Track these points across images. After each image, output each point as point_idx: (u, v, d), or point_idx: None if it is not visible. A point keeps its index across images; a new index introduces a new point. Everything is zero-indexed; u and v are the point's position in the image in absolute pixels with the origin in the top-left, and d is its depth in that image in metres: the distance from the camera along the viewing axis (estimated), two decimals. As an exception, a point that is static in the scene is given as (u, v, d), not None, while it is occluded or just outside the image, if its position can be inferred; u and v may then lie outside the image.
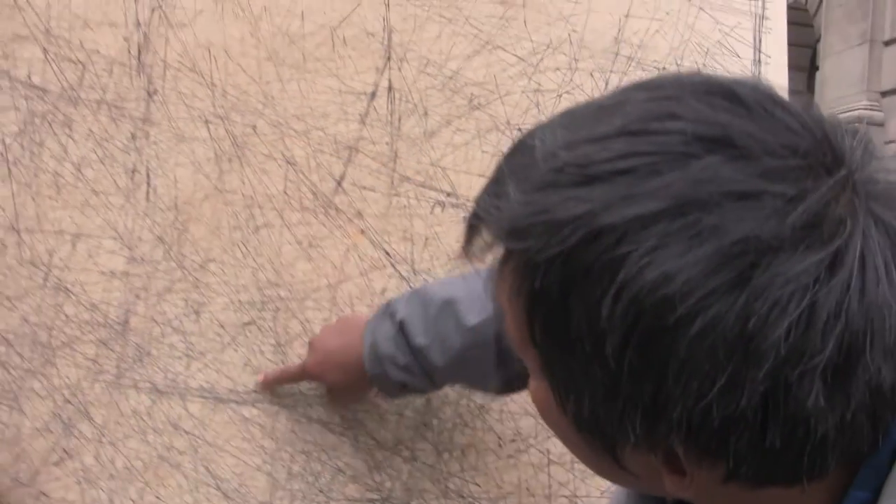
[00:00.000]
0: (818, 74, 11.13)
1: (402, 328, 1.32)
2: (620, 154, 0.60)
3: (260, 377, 1.48)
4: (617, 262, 0.58)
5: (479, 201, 0.68)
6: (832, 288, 0.58)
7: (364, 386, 1.40)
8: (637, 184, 0.59)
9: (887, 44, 10.02)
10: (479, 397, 1.49)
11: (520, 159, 0.66)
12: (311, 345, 1.44)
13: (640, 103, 0.64)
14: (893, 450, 0.65)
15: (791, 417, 0.59)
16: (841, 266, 0.58)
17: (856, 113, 9.88)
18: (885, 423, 0.63)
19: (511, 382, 1.29)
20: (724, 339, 0.57)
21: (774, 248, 0.57)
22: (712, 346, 0.58)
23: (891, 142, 9.11)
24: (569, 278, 0.61)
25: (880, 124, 9.85)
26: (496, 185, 0.66)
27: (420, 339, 1.31)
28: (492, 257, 0.69)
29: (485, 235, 0.68)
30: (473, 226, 0.69)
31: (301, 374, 1.45)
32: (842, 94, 10.35)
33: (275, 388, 1.49)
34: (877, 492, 0.65)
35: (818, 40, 11.24)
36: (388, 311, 1.35)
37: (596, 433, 0.67)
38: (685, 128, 0.60)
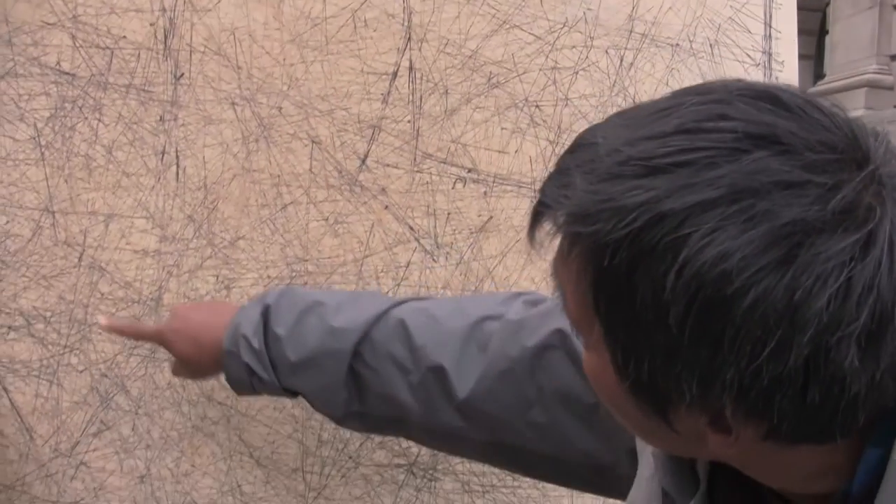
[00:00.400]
0: (827, 38, 11.08)
1: (265, 313, 1.31)
2: (679, 149, 0.68)
3: (103, 319, 1.42)
4: (680, 242, 0.66)
5: (546, 191, 0.75)
6: (866, 265, 0.65)
7: (211, 367, 1.37)
8: (696, 175, 0.67)
9: (897, 7, 9.99)
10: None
11: (583, 154, 0.73)
12: (174, 310, 1.42)
13: (692, 106, 0.71)
14: None
15: (829, 377, 0.67)
16: (874, 246, 0.66)
17: (865, 76, 9.84)
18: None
19: (352, 414, 1.30)
20: (773, 308, 0.65)
21: (818, 230, 0.65)
22: (763, 314, 0.65)
23: None
24: (635, 257, 0.68)
25: (890, 88, 9.80)
26: (561, 177, 0.73)
27: (280, 329, 1.29)
28: (555, 243, 0.76)
29: (549, 224, 0.75)
30: (539, 213, 0.76)
31: (152, 335, 1.40)
32: (851, 58, 10.30)
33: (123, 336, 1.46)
34: (889, 446, 0.73)
35: (828, 4, 11.17)
36: (261, 298, 1.34)
37: (651, 396, 0.74)
38: (736, 126, 0.68)
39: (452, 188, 1.55)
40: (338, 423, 1.35)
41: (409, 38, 1.53)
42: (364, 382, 1.27)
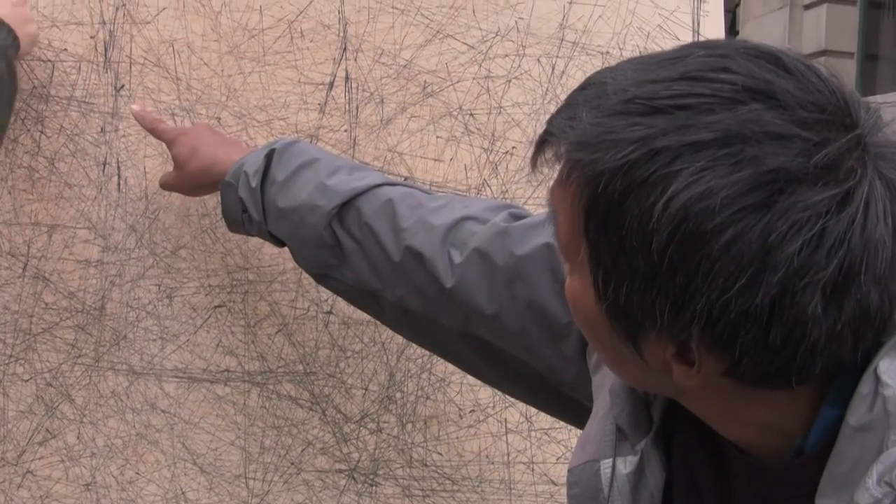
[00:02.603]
0: (738, 39, 11.11)
1: (268, 158, 1.36)
2: (681, 93, 0.73)
3: (135, 107, 1.50)
4: (670, 177, 0.71)
5: (553, 122, 0.80)
6: (840, 219, 0.70)
7: (199, 184, 1.45)
8: (693, 118, 0.72)
9: (807, 7, 10.01)
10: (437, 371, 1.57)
11: (592, 91, 0.78)
12: (196, 124, 1.50)
13: (699, 57, 0.76)
14: (859, 372, 0.77)
15: (792, 320, 0.72)
16: (849, 203, 0.70)
17: None
18: (866, 340, 0.76)
19: (329, 277, 1.34)
20: (748, 247, 0.70)
21: (799, 180, 0.70)
22: (739, 251, 0.70)
23: None
24: (628, 186, 0.73)
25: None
26: (569, 110, 0.79)
27: (278, 174, 1.35)
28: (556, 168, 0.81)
29: (552, 151, 0.80)
30: (544, 141, 0.81)
31: (165, 132, 1.48)
32: None
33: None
34: (844, 407, 0.78)
35: (738, 4, 11.20)
36: (272, 142, 1.40)
37: (625, 319, 0.79)
38: (736, 79, 0.73)
39: (389, 196, 1.56)
40: (316, 281, 1.39)
41: (345, 49, 1.55)
42: (345, 249, 1.31)
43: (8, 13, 1.39)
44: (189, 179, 1.45)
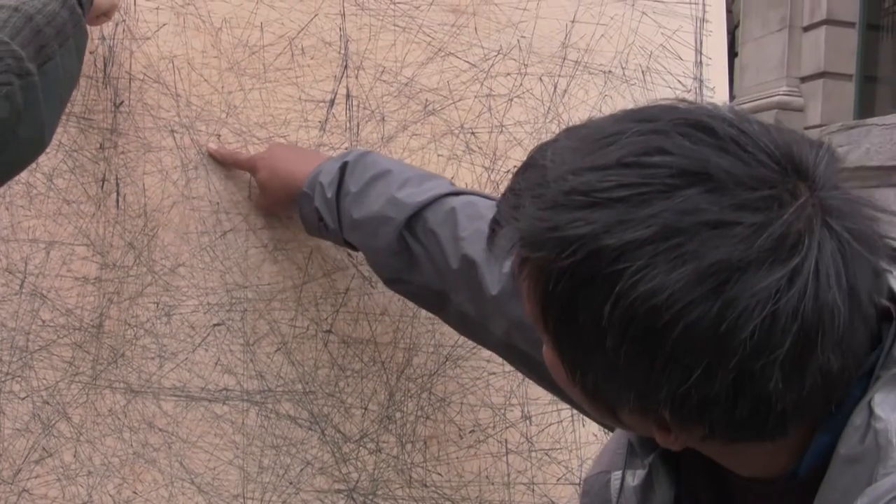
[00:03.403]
0: (737, 60, 11.11)
1: (342, 170, 1.42)
2: (617, 184, 0.73)
3: (212, 146, 1.54)
4: (615, 276, 0.71)
5: (500, 209, 0.82)
6: (790, 297, 0.70)
7: (284, 202, 1.50)
8: (631, 211, 0.72)
9: (806, 29, 10.03)
10: (438, 391, 1.56)
11: (533, 175, 0.79)
12: (269, 146, 1.53)
13: (634, 136, 0.75)
14: (853, 404, 0.78)
15: (756, 397, 0.72)
16: (798, 277, 0.70)
17: (775, 98, 9.89)
18: (836, 396, 0.77)
19: (399, 280, 1.40)
20: (700, 339, 0.70)
21: (742, 269, 0.69)
22: (691, 344, 0.71)
23: (810, 127, 9.13)
24: (576, 287, 0.74)
25: (800, 110, 9.87)
26: (513, 198, 0.80)
27: (352, 185, 1.40)
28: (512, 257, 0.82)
29: (505, 237, 0.81)
30: (493, 229, 0.84)
31: (246, 162, 1.52)
32: (761, 80, 10.34)
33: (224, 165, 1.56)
34: (838, 436, 0.78)
35: (737, 26, 11.22)
36: (345, 153, 1.45)
37: (599, 400, 0.82)
38: (672, 162, 0.73)
39: (390, 214, 1.56)
40: (388, 285, 1.46)
41: (346, 66, 1.55)
42: (413, 255, 1.36)
43: None
44: (275, 199, 1.51)
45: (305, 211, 1.45)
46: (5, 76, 1.15)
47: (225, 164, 1.55)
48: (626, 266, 0.71)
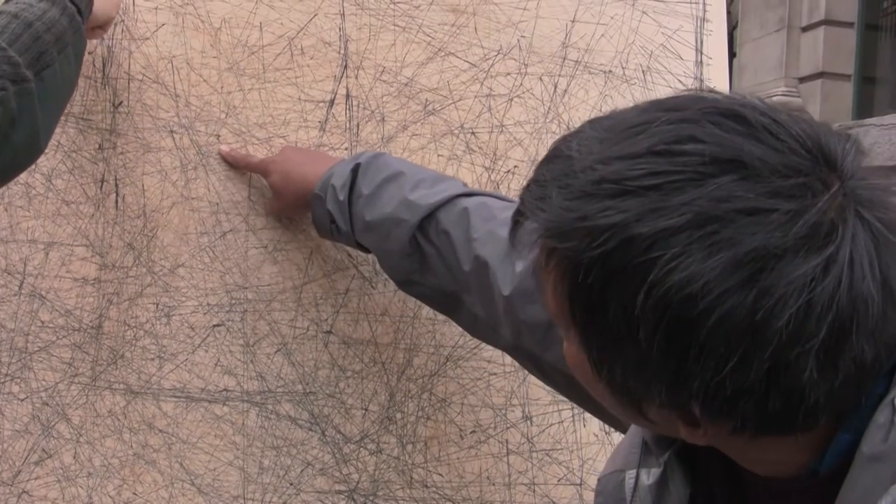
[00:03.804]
0: (735, 61, 11.10)
1: (355, 171, 1.41)
2: (649, 172, 0.72)
3: (224, 148, 1.54)
4: (648, 265, 0.70)
5: (524, 201, 0.80)
6: (826, 285, 0.69)
7: (298, 205, 1.50)
8: (664, 199, 0.71)
9: (805, 29, 10.03)
10: (439, 391, 1.55)
11: (559, 166, 0.77)
12: (282, 149, 1.53)
13: (663, 125, 0.74)
14: (875, 401, 0.77)
15: (789, 388, 0.71)
16: (833, 265, 0.69)
17: (774, 99, 9.90)
18: (868, 387, 0.76)
19: (412, 281, 1.39)
20: (736, 328, 0.69)
21: (779, 256, 0.69)
22: (727, 333, 0.69)
23: None
24: (607, 276, 0.73)
25: (798, 110, 9.89)
26: (539, 188, 0.78)
27: (364, 188, 1.40)
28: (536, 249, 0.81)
29: (528, 230, 0.80)
30: (517, 221, 0.82)
31: (258, 165, 1.52)
32: (760, 81, 10.34)
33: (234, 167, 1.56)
34: (860, 434, 0.77)
35: (735, 26, 11.22)
36: (357, 156, 1.45)
37: (625, 393, 0.80)
38: (703, 150, 0.72)
39: (390, 214, 1.55)
40: (400, 287, 1.45)
41: (346, 66, 1.54)
42: (426, 256, 1.35)
43: None
44: (287, 203, 1.51)
45: (318, 213, 1.45)
46: (0, 81, 1.15)
47: (236, 166, 1.55)
48: (659, 254, 0.70)
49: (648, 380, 0.75)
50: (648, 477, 0.93)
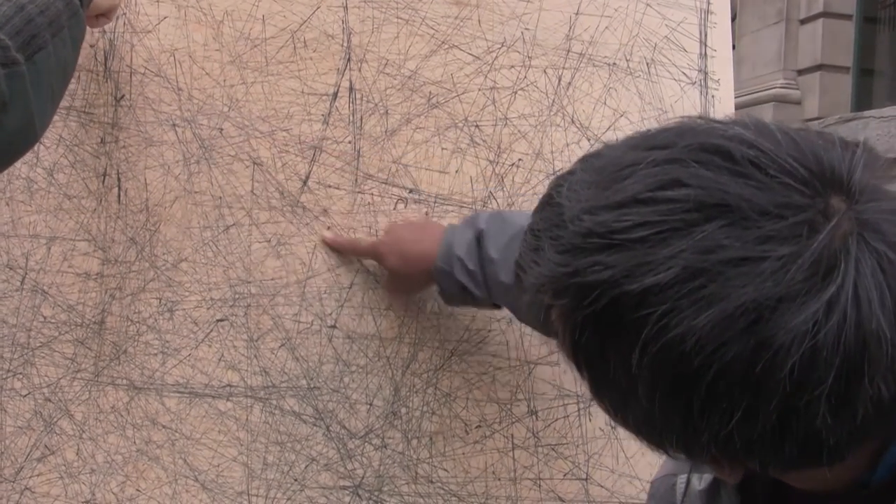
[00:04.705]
0: (734, 53, 11.10)
1: (479, 237, 1.41)
2: (635, 224, 0.69)
3: (328, 235, 1.54)
4: (640, 323, 0.67)
5: (521, 251, 0.79)
6: (829, 329, 0.65)
7: (421, 281, 1.50)
8: (650, 252, 0.67)
9: (803, 22, 10.01)
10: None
11: (550, 215, 0.75)
12: (388, 229, 1.54)
13: (649, 167, 0.71)
14: None
15: (804, 434, 0.68)
16: (836, 307, 0.65)
17: (772, 91, 9.88)
18: (893, 421, 0.71)
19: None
20: (736, 381, 0.66)
21: (773, 307, 0.65)
22: (727, 388, 0.66)
23: (807, 120, 9.12)
24: (602, 334, 0.71)
25: (797, 103, 9.85)
26: (533, 240, 0.76)
27: (493, 252, 1.39)
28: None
29: (528, 282, 0.77)
30: (518, 275, 0.80)
31: (369, 249, 1.53)
32: (758, 74, 10.31)
33: (342, 254, 1.56)
34: None
35: (734, 19, 11.21)
36: (471, 221, 1.44)
37: (643, 438, 0.77)
38: (688, 195, 0.68)
39: (394, 209, 1.55)
40: (546, 335, 1.43)
41: (349, 59, 1.53)
42: None
43: None
44: (410, 282, 1.52)
45: (446, 285, 1.45)
46: None
47: (344, 252, 1.55)
48: (649, 312, 0.67)
49: (658, 432, 0.74)
50: (700, 482, 0.92)
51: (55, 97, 1.31)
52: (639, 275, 0.67)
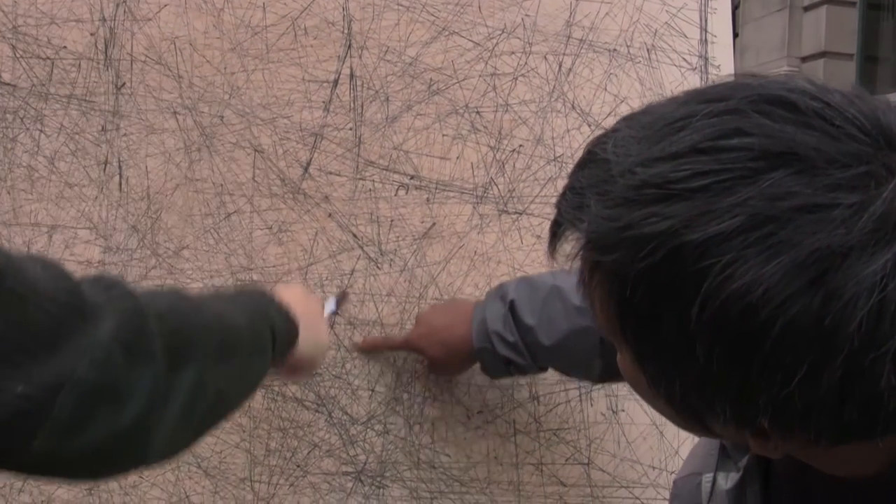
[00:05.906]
0: (738, 41, 11.08)
1: (512, 308, 1.41)
2: (694, 172, 0.64)
3: (361, 341, 1.56)
4: (700, 275, 0.63)
5: (561, 210, 0.73)
6: None
7: (464, 363, 1.51)
8: (713, 201, 0.63)
9: (807, 9, 9.98)
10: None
11: (595, 171, 0.70)
12: (417, 319, 1.53)
13: (705, 119, 0.67)
14: None
15: (865, 396, 0.64)
16: None
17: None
18: None
19: (612, 372, 1.33)
20: (803, 336, 0.62)
21: (844, 254, 0.61)
22: (793, 342, 0.62)
23: None
24: (657, 290, 0.66)
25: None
26: (575, 196, 0.71)
27: (529, 319, 1.39)
28: (578, 262, 0.74)
29: (569, 241, 0.73)
30: (556, 232, 0.74)
31: (403, 344, 1.54)
32: (762, 61, 10.29)
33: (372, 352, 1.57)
34: None
35: (737, 6, 11.18)
36: (498, 293, 1.44)
37: (686, 409, 0.73)
38: (752, 143, 0.64)
39: (395, 195, 1.55)
40: (593, 382, 1.49)
41: (350, 46, 1.53)
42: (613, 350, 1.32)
43: (304, 312, 1.19)
44: (455, 366, 1.53)
45: (490, 362, 1.46)
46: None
47: (378, 349, 1.56)
48: (712, 262, 0.63)
49: (710, 397, 0.68)
50: (726, 481, 0.89)
51: (194, 428, 1.01)
52: (700, 224, 0.63)
